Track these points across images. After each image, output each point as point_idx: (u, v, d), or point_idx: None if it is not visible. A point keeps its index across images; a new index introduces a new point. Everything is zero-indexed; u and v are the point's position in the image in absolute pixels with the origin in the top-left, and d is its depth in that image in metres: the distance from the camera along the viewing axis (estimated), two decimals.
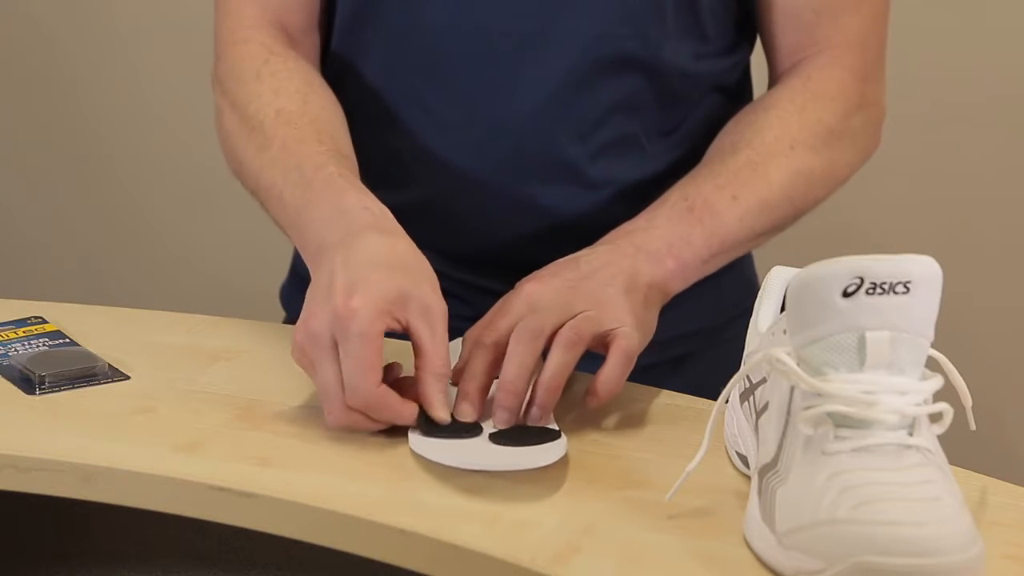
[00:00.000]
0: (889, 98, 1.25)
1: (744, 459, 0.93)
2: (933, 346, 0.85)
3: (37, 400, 1.03)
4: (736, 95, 1.23)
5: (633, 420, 1.03)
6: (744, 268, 1.32)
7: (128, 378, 1.07)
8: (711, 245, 1.09)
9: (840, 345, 0.82)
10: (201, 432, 0.98)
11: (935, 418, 0.83)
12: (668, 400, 1.06)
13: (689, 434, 1.00)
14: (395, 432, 0.99)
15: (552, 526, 0.88)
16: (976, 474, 0.96)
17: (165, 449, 0.96)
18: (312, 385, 1.06)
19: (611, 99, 1.18)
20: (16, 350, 1.10)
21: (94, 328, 1.15)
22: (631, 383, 1.08)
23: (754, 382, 0.91)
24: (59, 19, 2.46)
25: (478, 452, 0.94)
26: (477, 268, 1.17)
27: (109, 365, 1.08)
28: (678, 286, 1.07)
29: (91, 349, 1.10)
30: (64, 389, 1.05)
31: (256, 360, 1.11)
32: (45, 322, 1.15)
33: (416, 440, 0.96)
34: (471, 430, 0.97)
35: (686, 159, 1.17)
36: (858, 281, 0.81)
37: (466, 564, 0.85)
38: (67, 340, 1.12)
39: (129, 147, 2.49)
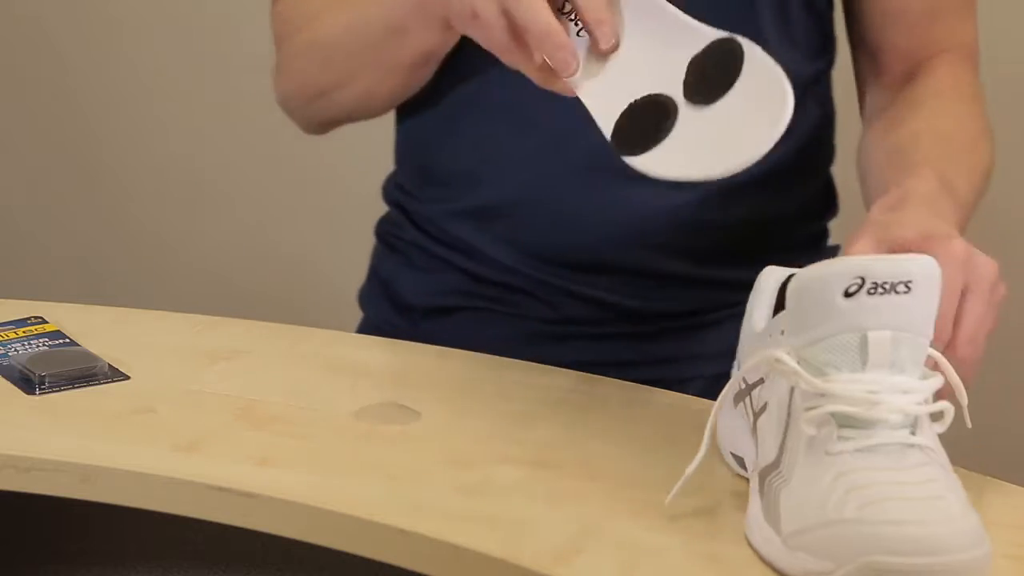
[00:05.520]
0: None
1: (739, 460, 0.93)
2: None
3: (37, 400, 1.03)
4: (820, 101, 1.23)
5: (633, 420, 1.03)
6: None
7: (128, 378, 1.07)
8: (961, 226, 1.05)
9: (842, 345, 0.82)
10: (201, 432, 0.98)
11: (936, 417, 0.83)
12: (668, 400, 1.06)
13: (689, 434, 1.00)
14: (395, 432, 0.99)
15: (552, 526, 0.88)
16: (976, 474, 0.96)
17: (165, 449, 0.96)
18: (312, 385, 1.06)
19: None
20: (16, 350, 1.10)
21: (94, 328, 1.15)
22: (630, 383, 1.08)
23: (750, 383, 0.91)
24: (60, 19, 2.46)
25: (720, 130, 0.90)
26: (559, 268, 1.17)
27: (109, 365, 1.08)
28: None
29: (91, 349, 1.10)
30: (64, 389, 1.05)
31: (256, 360, 1.11)
32: (45, 322, 1.15)
33: (646, 162, 0.91)
34: (654, 108, 0.91)
35: (771, 163, 1.16)
36: (859, 281, 0.81)
37: (466, 564, 0.85)
38: (67, 340, 1.12)
39: (129, 147, 2.49)
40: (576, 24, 0.95)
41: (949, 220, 1.00)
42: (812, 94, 1.23)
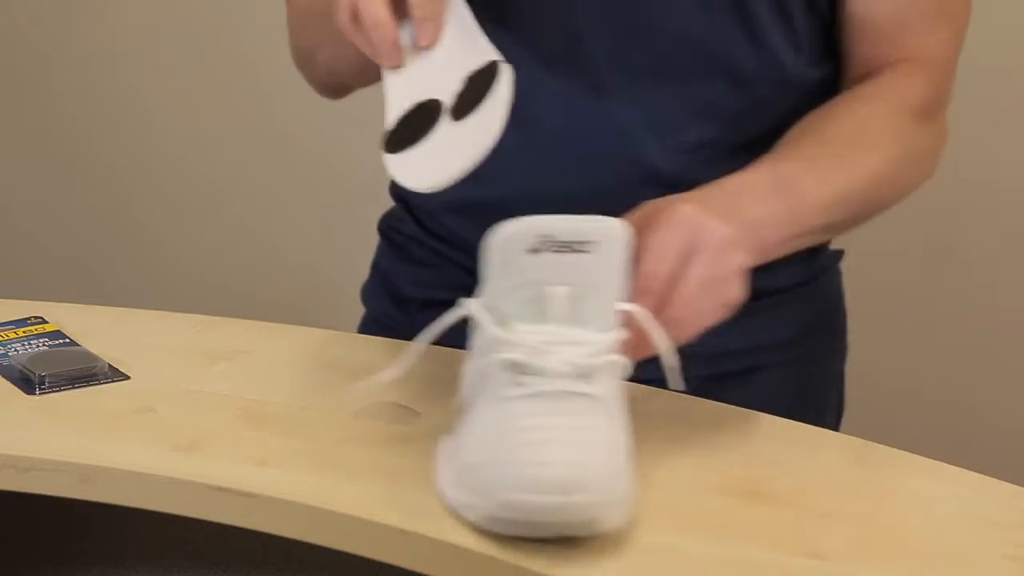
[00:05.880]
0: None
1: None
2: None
3: (37, 400, 1.03)
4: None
5: (633, 420, 1.02)
6: (829, 284, 1.30)
7: (128, 378, 1.07)
8: (790, 226, 1.06)
9: (525, 298, 0.87)
10: (201, 432, 0.98)
11: (614, 368, 0.88)
12: (667, 400, 1.06)
13: (689, 434, 1.00)
14: (395, 432, 0.99)
15: None
16: (976, 474, 0.97)
17: (165, 449, 0.96)
18: (312, 385, 1.06)
19: (693, 102, 1.17)
20: (16, 350, 1.10)
21: (94, 328, 1.15)
22: (632, 384, 1.08)
23: (473, 331, 0.95)
24: (60, 19, 2.46)
25: (449, 146, 0.96)
26: None
27: (109, 365, 1.08)
28: (752, 263, 1.03)
29: (91, 349, 1.10)
30: (64, 389, 1.05)
31: (256, 360, 1.11)
32: (45, 322, 1.15)
33: (393, 162, 0.97)
34: (430, 112, 0.96)
35: None
36: (542, 239, 0.86)
37: (466, 564, 0.85)
38: (67, 340, 1.12)
39: (129, 147, 2.49)
40: None
41: (751, 208, 1.02)
42: (818, 98, 1.22)
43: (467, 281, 1.25)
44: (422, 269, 1.29)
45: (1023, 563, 0.86)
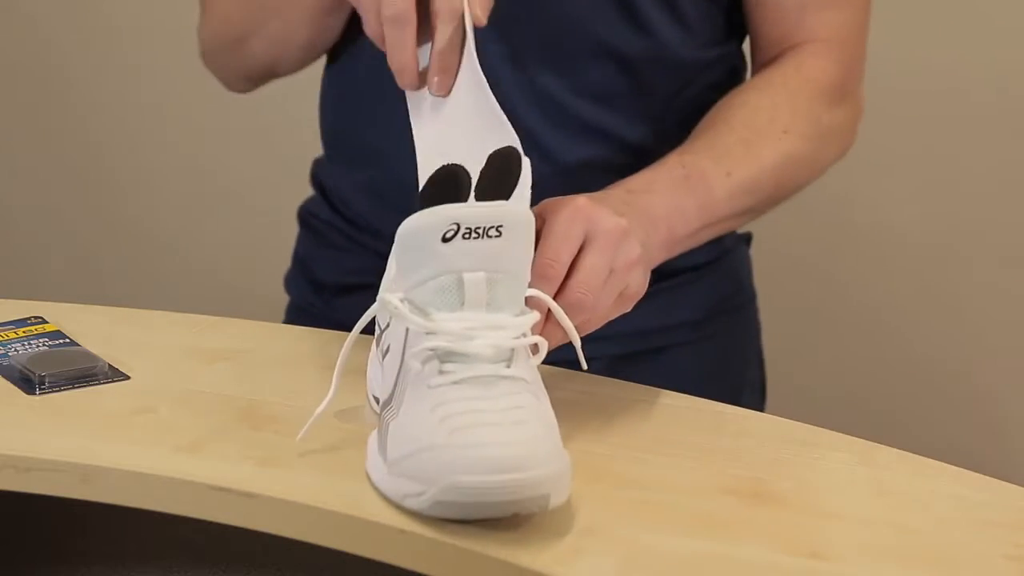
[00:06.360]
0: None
1: (377, 401, 0.97)
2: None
3: (37, 400, 1.03)
4: (725, 89, 1.24)
5: (633, 420, 1.03)
6: (734, 264, 1.32)
7: (128, 378, 1.07)
8: (700, 218, 1.09)
9: (442, 286, 0.88)
10: (201, 432, 0.98)
11: (532, 351, 0.90)
12: (668, 400, 1.06)
13: (689, 434, 1.00)
14: None
15: (552, 526, 0.88)
16: (976, 474, 0.97)
17: (165, 449, 0.96)
18: (312, 385, 1.06)
19: (580, 85, 1.18)
20: (16, 350, 1.10)
21: (94, 328, 1.15)
22: (628, 383, 1.08)
23: (383, 327, 0.96)
24: (60, 20, 2.46)
25: None
26: None
27: (109, 365, 1.08)
28: (662, 257, 1.07)
29: (91, 349, 1.10)
30: (64, 389, 1.05)
31: (256, 360, 1.11)
32: (45, 322, 1.15)
33: None
34: (457, 182, 0.96)
35: (666, 149, 1.17)
36: (455, 227, 0.87)
37: (466, 564, 0.85)
38: (67, 340, 1.12)
39: (129, 147, 2.49)
40: None
41: (655, 206, 1.04)
42: (719, 78, 1.23)
43: (380, 265, 1.26)
44: (337, 254, 1.32)
45: (1023, 563, 0.86)
